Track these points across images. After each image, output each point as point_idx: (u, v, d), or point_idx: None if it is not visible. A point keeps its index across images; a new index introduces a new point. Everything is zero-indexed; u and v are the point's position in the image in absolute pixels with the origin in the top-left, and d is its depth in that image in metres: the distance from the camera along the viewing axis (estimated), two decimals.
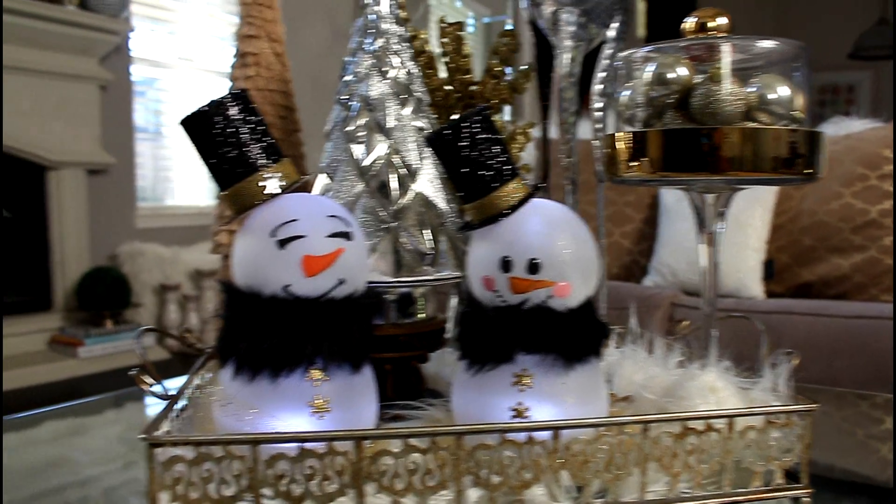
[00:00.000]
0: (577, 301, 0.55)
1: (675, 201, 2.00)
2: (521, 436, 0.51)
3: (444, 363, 0.78)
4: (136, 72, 3.72)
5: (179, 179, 4.07)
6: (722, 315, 0.72)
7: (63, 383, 3.05)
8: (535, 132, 0.82)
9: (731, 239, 1.80)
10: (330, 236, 0.52)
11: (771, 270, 1.84)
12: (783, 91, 0.56)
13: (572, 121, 0.73)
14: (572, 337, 0.54)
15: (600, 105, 0.74)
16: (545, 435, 0.52)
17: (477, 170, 0.54)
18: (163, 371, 0.59)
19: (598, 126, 0.75)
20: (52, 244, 3.36)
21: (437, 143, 0.55)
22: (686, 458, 0.54)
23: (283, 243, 0.51)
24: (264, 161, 0.53)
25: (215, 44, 4.10)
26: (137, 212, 3.75)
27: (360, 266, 0.55)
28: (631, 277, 2.12)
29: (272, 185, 0.53)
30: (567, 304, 0.54)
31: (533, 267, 0.53)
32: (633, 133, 0.59)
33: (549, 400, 0.54)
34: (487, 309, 0.55)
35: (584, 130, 0.77)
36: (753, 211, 1.86)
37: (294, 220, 0.52)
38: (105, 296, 3.27)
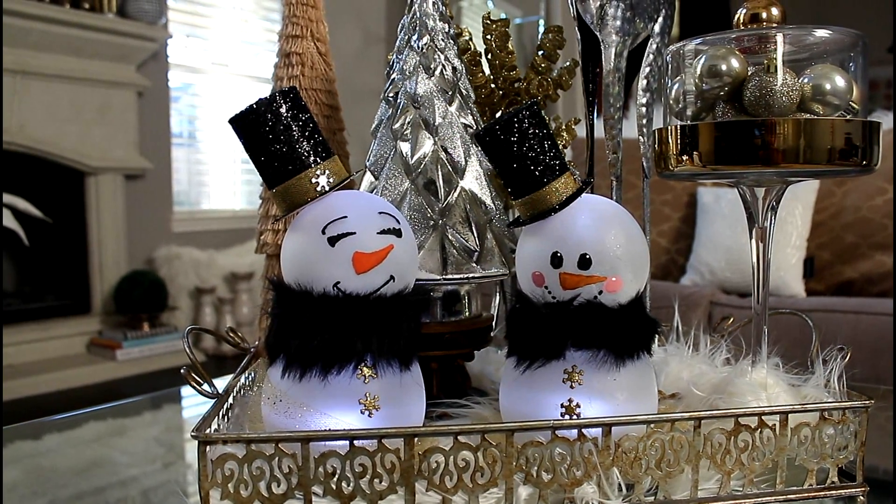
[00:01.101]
0: (628, 297, 0.54)
1: (712, 200, 1.98)
2: (572, 433, 0.51)
3: (488, 362, 0.78)
4: (172, 78, 3.75)
5: (214, 183, 4.10)
6: (770, 312, 0.71)
7: (102, 386, 3.08)
8: (580, 129, 0.81)
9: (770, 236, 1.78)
10: (380, 233, 0.52)
11: (811, 268, 1.82)
12: (839, 81, 0.54)
13: (618, 116, 0.72)
14: (623, 333, 0.54)
15: (645, 100, 0.73)
16: (596, 432, 0.51)
17: (527, 165, 0.54)
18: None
19: (643, 122, 0.74)
20: (90, 249, 3.40)
21: (487, 138, 0.54)
22: (738, 456, 0.54)
23: (333, 240, 0.51)
24: (314, 158, 0.53)
25: (249, 49, 4.13)
26: (174, 216, 3.78)
27: (410, 263, 0.55)
28: (668, 276, 2.10)
29: (322, 182, 0.53)
30: (618, 300, 0.54)
31: (584, 262, 0.53)
32: (684, 127, 0.58)
33: (600, 396, 0.54)
34: (537, 305, 0.54)
35: (627, 128, 0.77)
36: (794, 208, 1.84)
37: (344, 217, 0.52)
38: (142, 299, 3.31)
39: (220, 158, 4.11)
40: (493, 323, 0.72)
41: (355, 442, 0.49)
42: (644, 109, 0.74)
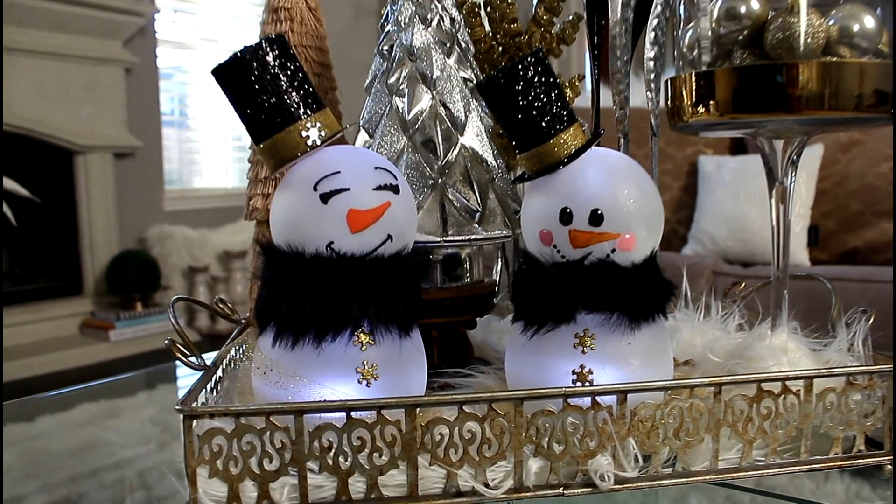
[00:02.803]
0: (642, 255, 0.51)
1: (714, 169, 1.94)
2: (585, 401, 0.48)
3: (490, 331, 0.74)
4: (162, 56, 3.70)
5: (206, 162, 4.06)
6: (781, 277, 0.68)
7: (95, 367, 3.06)
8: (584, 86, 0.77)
9: None
10: (376, 189, 0.49)
11: (816, 237, 1.79)
12: (868, 22, 0.51)
13: (625, 71, 0.68)
14: (638, 294, 0.50)
15: (653, 54, 0.70)
16: (610, 400, 0.48)
17: (532, 116, 0.50)
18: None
19: (651, 77, 0.70)
20: (81, 229, 3.37)
21: (490, 88, 0.51)
22: (761, 424, 0.50)
23: (326, 197, 0.48)
24: (304, 110, 0.49)
25: (239, 25, 4.07)
26: (165, 195, 3.75)
27: (409, 222, 0.51)
28: (670, 247, 2.07)
29: (313, 135, 0.49)
30: (631, 259, 0.50)
31: (595, 218, 0.49)
32: (700, 74, 0.54)
33: (614, 362, 0.50)
34: (545, 266, 0.51)
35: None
36: (797, 176, 1.80)
37: (337, 173, 0.48)
38: (134, 279, 3.28)
39: (212, 136, 4.05)
40: (496, 289, 0.68)
41: (353, 413, 0.45)
42: (652, 63, 0.70)
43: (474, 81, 0.64)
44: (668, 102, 0.58)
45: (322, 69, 0.73)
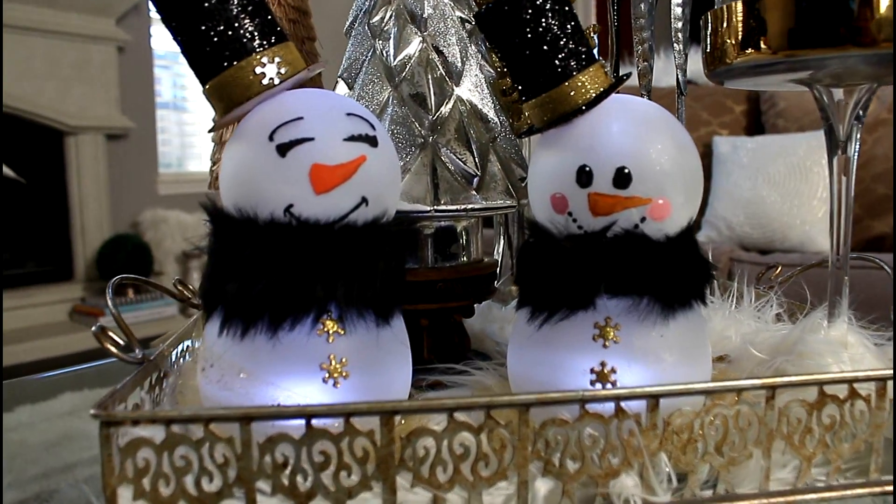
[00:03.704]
0: (678, 226, 0.41)
1: (730, 150, 1.85)
2: (607, 407, 0.38)
3: (490, 319, 0.65)
4: (158, 38, 3.60)
5: (202, 145, 3.97)
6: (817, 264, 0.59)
7: (85, 354, 2.97)
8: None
9: (794, 188, 1.65)
10: (348, 140, 0.39)
11: None
12: None
13: (649, 15, 0.58)
14: (673, 274, 0.40)
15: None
16: (638, 406, 0.38)
17: (543, 53, 0.41)
18: None
19: (679, 25, 0.60)
20: (71, 212, 3.30)
21: (491, 18, 0.41)
22: (822, 436, 0.41)
23: (284, 149, 0.38)
24: (259, 42, 0.39)
25: None
26: (159, 178, 3.66)
27: (389, 182, 0.41)
28: None
29: (270, 72, 0.39)
30: (665, 230, 0.40)
31: (621, 179, 0.39)
32: (748, 1, 0.44)
33: (642, 359, 0.41)
34: (558, 238, 0.41)
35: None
36: (819, 157, 1.71)
37: (299, 119, 0.39)
38: (126, 264, 3.20)
39: (208, 119, 3.96)
40: (497, 270, 0.59)
41: (314, 421, 0.35)
42: (679, 10, 0.60)
43: (473, 23, 0.54)
44: (706, 43, 0.48)
45: (298, 15, 0.63)
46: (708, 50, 0.48)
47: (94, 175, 3.35)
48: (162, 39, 3.68)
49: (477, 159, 0.50)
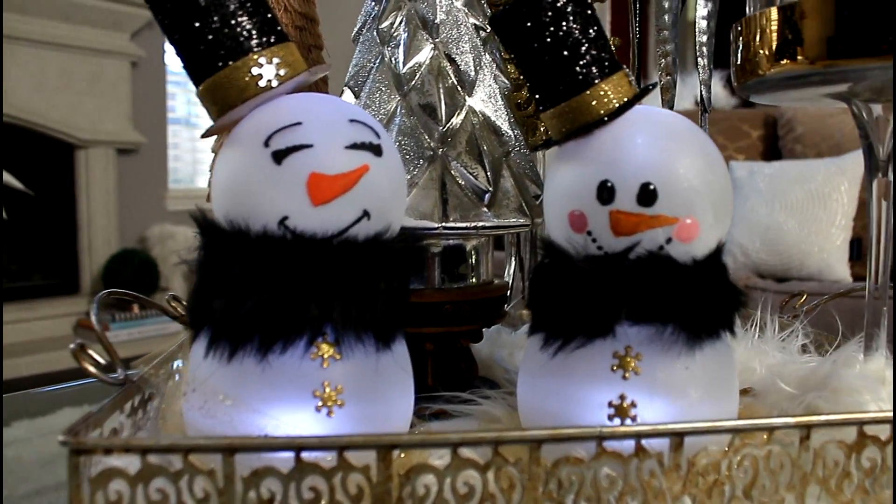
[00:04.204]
0: (706, 248, 0.38)
1: (746, 175, 1.82)
2: (626, 445, 0.34)
3: (499, 345, 0.61)
4: (172, 53, 3.60)
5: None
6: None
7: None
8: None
9: (812, 215, 1.62)
10: (350, 148, 0.36)
11: (858, 250, 1.65)
12: None
13: (673, 27, 0.55)
14: (701, 301, 0.37)
15: (707, 10, 0.57)
16: (660, 444, 0.35)
17: (563, 59, 0.38)
18: None
19: (704, 38, 0.57)
20: (79, 226, 3.28)
21: (507, 21, 0.38)
22: (862, 480, 0.37)
23: (280, 156, 0.35)
24: (257, 41, 0.37)
25: None
26: (168, 193, 3.64)
27: (394, 195, 0.38)
28: None
29: (267, 74, 0.36)
30: (692, 253, 0.37)
31: (646, 195, 0.36)
32: (783, 8, 0.41)
33: (665, 393, 0.37)
34: (576, 259, 0.38)
35: None
36: (839, 184, 1.67)
37: (297, 124, 0.36)
38: (132, 279, 3.17)
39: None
40: (508, 293, 0.55)
41: (304, 454, 0.32)
42: (704, 22, 0.57)
43: (487, 31, 0.51)
44: (737, 55, 0.45)
45: (305, 22, 0.60)
46: (738, 62, 0.45)
47: (103, 189, 3.34)
48: (176, 58, 3.68)
49: (489, 174, 0.47)
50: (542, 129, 0.61)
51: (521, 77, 0.57)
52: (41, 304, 3.14)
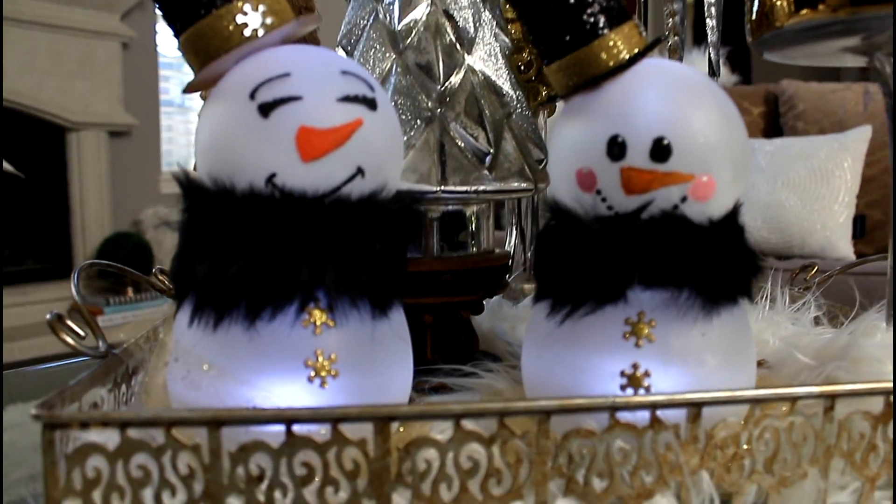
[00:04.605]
0: (723, 208, 0.36)
1: None
2: (640, 416, 0.32)
3: (500, 317, 0.59)
4: (166, 37, 3.56)
5: None
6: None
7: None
8: None
9: (815, 192, 1.60)
10: (342, 100, 0.33)
11: (861, 228, 1.63)
12: None
13: None
14: (718, 263, 0.35)
15: None
16: (676, 415, 0.33)
17: (570, 7, 0.35)
18: None
19: None
20: (72, 209, 3.25)
21: None
22: (888, 453, 0.35)
23: (267, 108, 0.33)
24: None
25: None
26: (162, 176, 3.61)
27: (390, 152, 0.36)
28: None
29: (253, 22, 0.34)
30: (708, 212, 0.35)
31: (659, 151, 0.34)
32: None
33: (681, 361, 0.35)
34: (584, 220, 0.35)
35: None
36: (842, 160, 1.65)
37: (285, 76, 0.33)
38: (126, 262, 3.10)
39: None
40: (510, 263, 0.53)
41: (296, 427, 0.30)
42: None
43: None
44: (752, 11, 0.43)
45: None
46: (754, 16, 0.43)
47: (95, 172, 3.31)
48: (169, 39, 3.64)
49: (490, 136, 0.45)
50: (543, 92, 0.58)
51: (523, 34, 0.55)
52: (34, 289, 3.12)
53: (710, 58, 0.56)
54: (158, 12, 0.35)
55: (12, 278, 3.09)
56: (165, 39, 3.61)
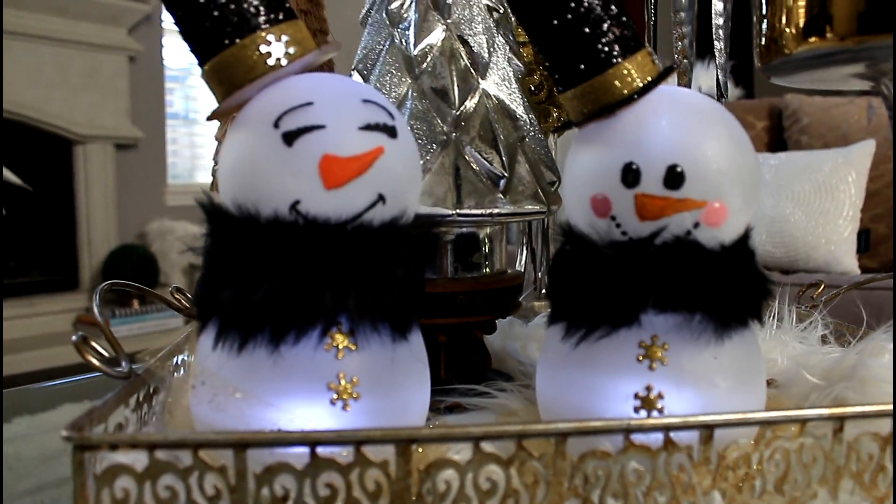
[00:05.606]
0: (734, 233, 0.36)
1: None
2: (654, 438, 0.33)
3: (512, 337, 0.60)
4: (171, 50, 3.58)
5: (212, 156, 3.95)
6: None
7: (87, 366, 2.93)
8: None
9: (819, 206, 1.60)
10: (364, 129, 0.34)
11: (866, 242, 1.63)
12: None
13: (689, 7, 0.54)
14: (730, 288, 0.35)
15: None
16: (689, 437, 0.33)
17: (585, 36, 0.36)
18: None
19: (720, 21, 0.56)
20: (78, 221, 3.27)
21: None
22: None
23: (291, 137, 0.34)
24: (264, 18, 0.35)
25: None
26: (168, 188, 3.63)
27: (409, 179, 0.37)
28: None
29: (276, 52, 0.35)
30: (720, 238, 0.36)
31: (673, 178, 0.35)
32: None
33: (693, 383, 0.36)
34: (599, 245, 0.36)
35: None
36: (846, 174, 1.65)
37: (308, 104, 0.34)
38: (132, 274, 3.15)
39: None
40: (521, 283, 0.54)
41: (319, 449, 0.31)
42: (721, 4, 0.55)
43: (501, 11, 0.49)
44: (761, 33, 0.44)
45: (310, 6, 0.58)
46: (763, 42, 0.44)
47: (101, 184, 3.32)
48: (175, 53, 3.66)
49: (504, 159, 0.46)
50: (554, 114, 0.59)
51: (535, 60, 0.56)
52: (41, 300, 3.13)
53: (717, 80, 0.57)
54: (184, 43, 0.36)
55: (19, 290, 3.10)
56: (171, 53, 3.63)
